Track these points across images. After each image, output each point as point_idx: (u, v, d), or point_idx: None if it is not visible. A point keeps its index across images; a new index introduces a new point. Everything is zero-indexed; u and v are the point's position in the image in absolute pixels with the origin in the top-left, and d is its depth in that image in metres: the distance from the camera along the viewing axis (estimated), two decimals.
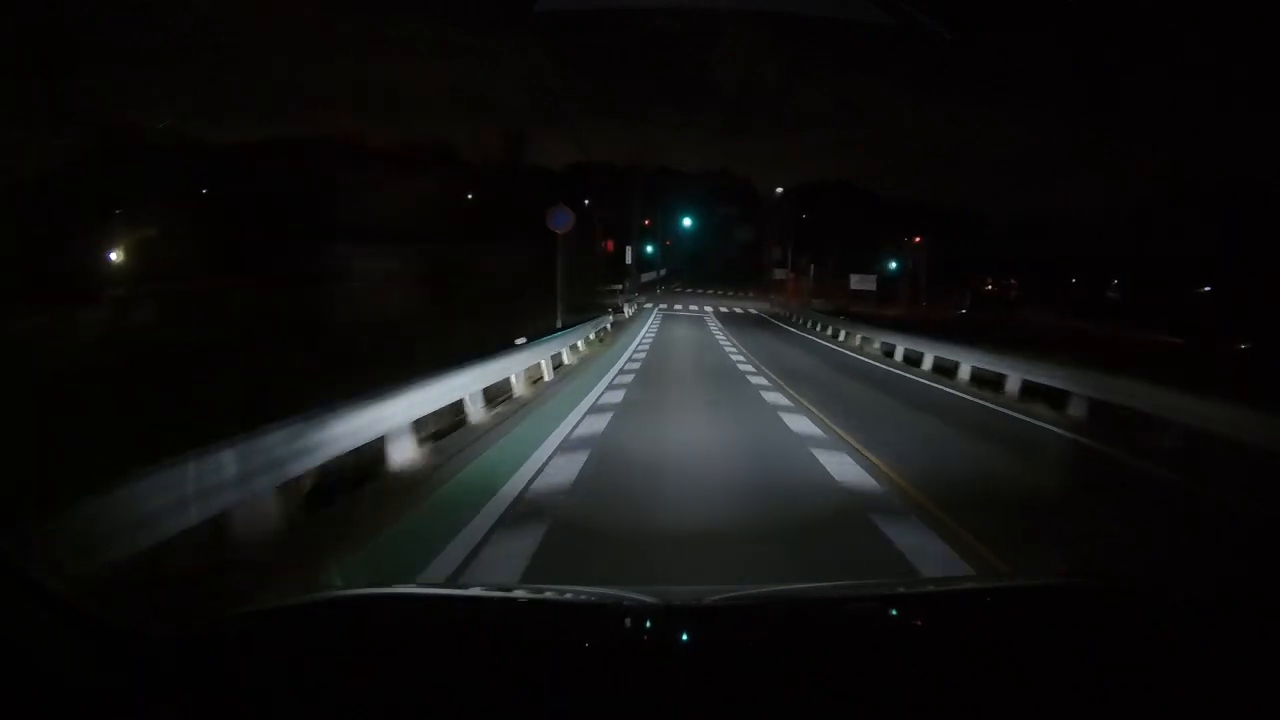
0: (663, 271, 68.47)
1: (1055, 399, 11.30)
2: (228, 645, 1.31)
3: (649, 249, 64.68)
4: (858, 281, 49.20)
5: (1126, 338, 30.79)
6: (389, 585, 2.14)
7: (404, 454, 6.83)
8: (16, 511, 3.03)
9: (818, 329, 30.07)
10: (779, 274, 57.15)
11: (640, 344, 21.87)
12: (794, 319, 35.87)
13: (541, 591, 2.21)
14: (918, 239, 57.15)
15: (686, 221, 68.18)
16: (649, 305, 43.27)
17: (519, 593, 2.39)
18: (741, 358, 18.57)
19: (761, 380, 13.91)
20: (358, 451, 6.08)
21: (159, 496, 3.78)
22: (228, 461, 4.32)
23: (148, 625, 1.28)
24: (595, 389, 11.98)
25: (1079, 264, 51.70)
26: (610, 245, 51.39)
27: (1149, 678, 1.23)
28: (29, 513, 3.05)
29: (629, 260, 50.60)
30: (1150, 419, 9.15)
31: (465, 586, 3.61)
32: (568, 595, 1.91)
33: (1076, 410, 10.60)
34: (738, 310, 44.69)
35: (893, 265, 57.22)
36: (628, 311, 35.52)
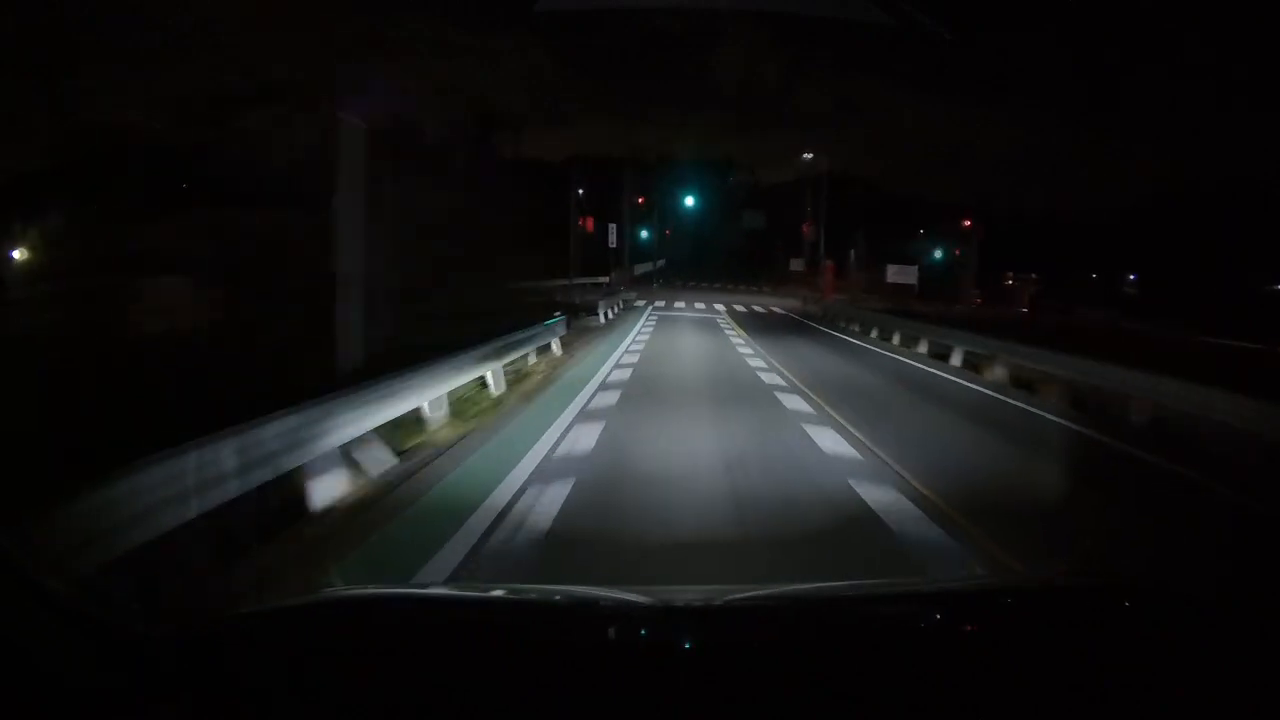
0: (661, 263, 59.39)
1: None
2: (228, 645, 1.31)
3: (644, 234, 55.51)
4: (895, 273, 40.92)
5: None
6: (389, 585, 2.14)
7: None
8: (18, 510, 3.03)
9: (895, 341, 19.28)
10: (795, 264, 49.82)
11: (601, 389, 10.76)
12: (841, 322, 25.57)
13: (541, 593, 2.21)
14: (967, 222, 47.18)
15: (689, 200, 59.29)
16: (641, 303, 32.80)
17: (518, 593, 2.38)
18: (843, 443, 7.86)
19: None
20: None
21: None
22: None
23: (148, 625, 1.28)
24: None
25: (1086, 259, 50.95)
26: (590, 224, 40.01)
27: (1149, 678, 1.23)
28: (30, 511, 3.04)
29: (612, 241, 39.84)
30: None
31: (466, 587, 3.60)
32: (568, 596, 1.91)
33: None
34: (758, 309, 33.73)
35: (938, 254, 49.77)
36: (605, 315, 23.99)
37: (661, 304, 33.32)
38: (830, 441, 7.94)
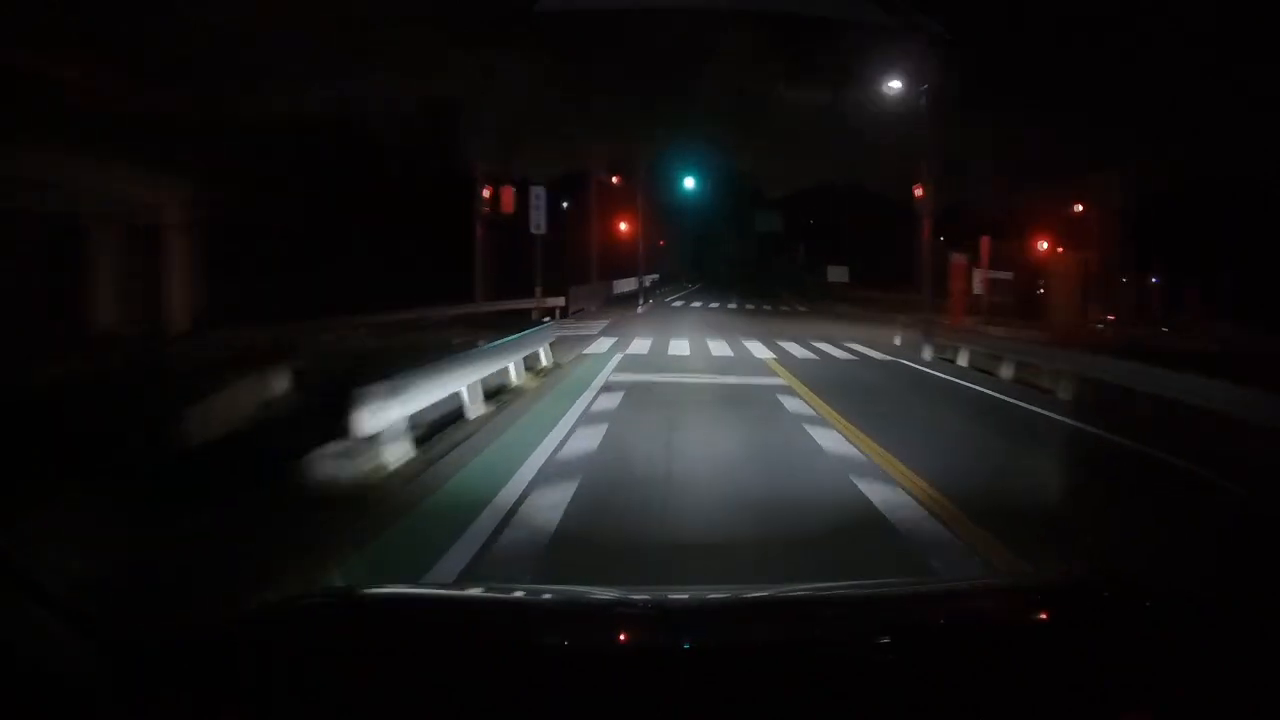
0: (654, 278, 44.65)
1: None
2: (228, 645, 1.32)
3: (624, 226, 39.31)
4: (981, 283, 29.28)
5: None
6: (389, 585, 2.14)
7: None
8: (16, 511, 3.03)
9: None
10: (835, 274, 41.50)
11: None
12: (1067, 385, 11.62)
13: (541, 593, 2.22)
14: (1079, 207, 34.02)
15: (689, 183, 43.84)
16: (604, 346, 16.75)
17: (518, 593, 2.39)
18: None
19: None
20: None
21: None
22: None
23: (148, 625, 1.28)
24: None
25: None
26: (508, 199, 25.41)
27: (1149, 678, 1.23)
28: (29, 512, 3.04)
29: (536, 224, 25.25)
30: None
31: (466, 587, 3.60)
32: (567, 596, 1.91)
33: None
34: (836, 353, 16.90)
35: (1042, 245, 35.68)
36: (406, 442, 6.75)
37: (644, 347, 16.79)
38: None
